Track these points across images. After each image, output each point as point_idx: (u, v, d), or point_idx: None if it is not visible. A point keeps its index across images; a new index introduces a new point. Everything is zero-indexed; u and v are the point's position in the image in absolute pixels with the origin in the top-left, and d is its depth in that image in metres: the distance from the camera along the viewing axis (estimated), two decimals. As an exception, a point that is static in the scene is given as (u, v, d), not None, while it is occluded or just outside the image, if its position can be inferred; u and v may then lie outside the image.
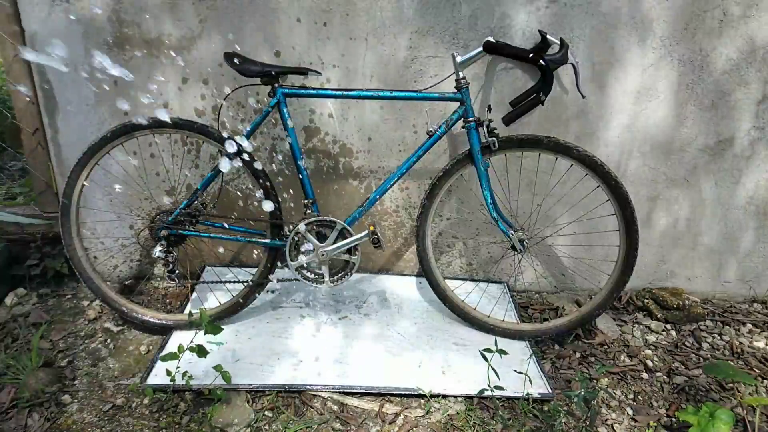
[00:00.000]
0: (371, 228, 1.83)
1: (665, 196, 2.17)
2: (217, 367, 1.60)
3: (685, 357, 2.00)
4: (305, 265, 1.90)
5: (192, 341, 1.61)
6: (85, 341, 1.91)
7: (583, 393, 1.49)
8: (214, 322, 1.94)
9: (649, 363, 1.96)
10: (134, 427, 1.56)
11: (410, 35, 1.93)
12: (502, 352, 1.61)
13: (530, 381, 1.75)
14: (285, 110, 1.77)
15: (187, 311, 2.02)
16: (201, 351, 1.60)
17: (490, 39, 1.75)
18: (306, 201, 1.86)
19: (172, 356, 1.58)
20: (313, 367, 1.80)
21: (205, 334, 1.62)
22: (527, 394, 1.71)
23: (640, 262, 1.87)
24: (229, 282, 1.97)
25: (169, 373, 1.63)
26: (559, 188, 2.14)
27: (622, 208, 1.80)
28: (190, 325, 1.83)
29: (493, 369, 1.62)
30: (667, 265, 2.30)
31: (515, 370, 1.78)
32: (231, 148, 1.70)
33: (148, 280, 2.27)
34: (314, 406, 1.66)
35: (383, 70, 1.98)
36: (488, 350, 1.62)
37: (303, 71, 1.76)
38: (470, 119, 1.76)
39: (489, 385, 1.62)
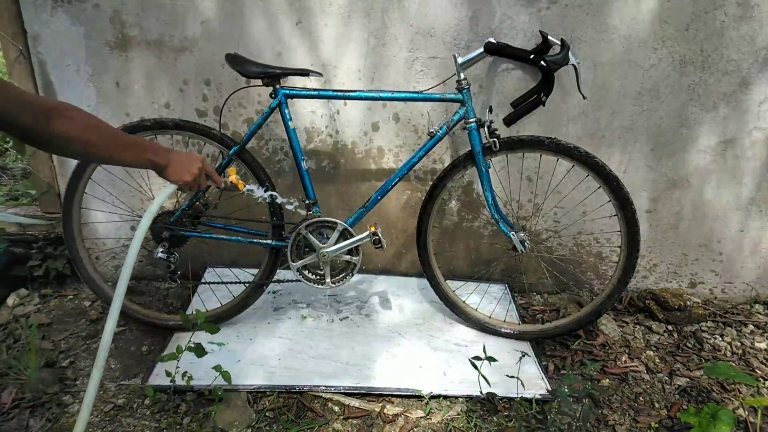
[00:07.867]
0: (372, 228, 1.83)
1: (666, 196, 2.17)
2: (217, 368, 1.60)
3: (687, 358, 2.00)
4: (306, 266, 1.90)
5: (190, 340, 1.61)
6: (87, 342, 1.92)
7: (567, 390, 1.52)
8: (213, 323, 1.94)
9: (651, 364, 1.95)
10: (135, 427, 1.56)
11: (411, 36, 1.93)
12: (491, 359, 1.64)
13: (532, 381, 1.75)
14: (286, 111, 1.77)
15: (188, 312, 2.03)
16: (199, 350, 1.59)
17: (491, 40, 1.75)
18: (307, 202, 1.86)
19: (172, 356, 1.58)
20: (314, 368, 1.80)
21: (191, 331, 1.61)
22: (529, 394, 1.71)
23: (640, 263, 1.88)
24: (231, 283, 1.97)
25: (168, 374, 1.63)
26: (561, 189, 2.14)
27: (624, 209, 1.79)
28: (186, 325, 1.82)
29: (484, 377, 1.65)
30: (668, 266, 2.30)
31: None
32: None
33: (150, 280, 2.27)
34: (315, 407, 1.66)
35: (384, 71, 1.99)
36: (477, 358, 1.66)
37: (305, 72, 1.76)
38: (471, 120, 1.76)
39: (481, 391, 1.67)
